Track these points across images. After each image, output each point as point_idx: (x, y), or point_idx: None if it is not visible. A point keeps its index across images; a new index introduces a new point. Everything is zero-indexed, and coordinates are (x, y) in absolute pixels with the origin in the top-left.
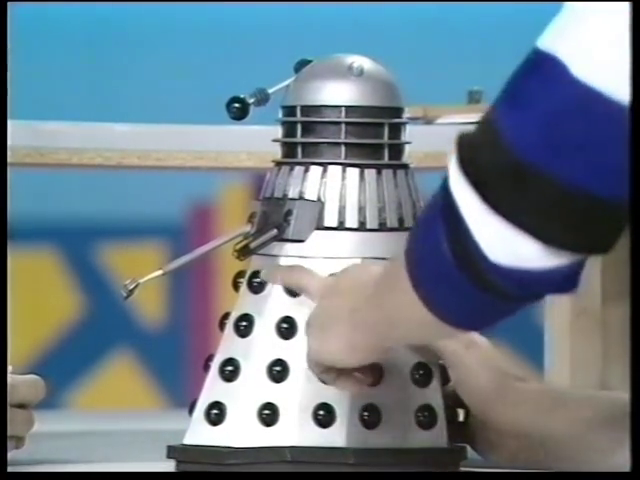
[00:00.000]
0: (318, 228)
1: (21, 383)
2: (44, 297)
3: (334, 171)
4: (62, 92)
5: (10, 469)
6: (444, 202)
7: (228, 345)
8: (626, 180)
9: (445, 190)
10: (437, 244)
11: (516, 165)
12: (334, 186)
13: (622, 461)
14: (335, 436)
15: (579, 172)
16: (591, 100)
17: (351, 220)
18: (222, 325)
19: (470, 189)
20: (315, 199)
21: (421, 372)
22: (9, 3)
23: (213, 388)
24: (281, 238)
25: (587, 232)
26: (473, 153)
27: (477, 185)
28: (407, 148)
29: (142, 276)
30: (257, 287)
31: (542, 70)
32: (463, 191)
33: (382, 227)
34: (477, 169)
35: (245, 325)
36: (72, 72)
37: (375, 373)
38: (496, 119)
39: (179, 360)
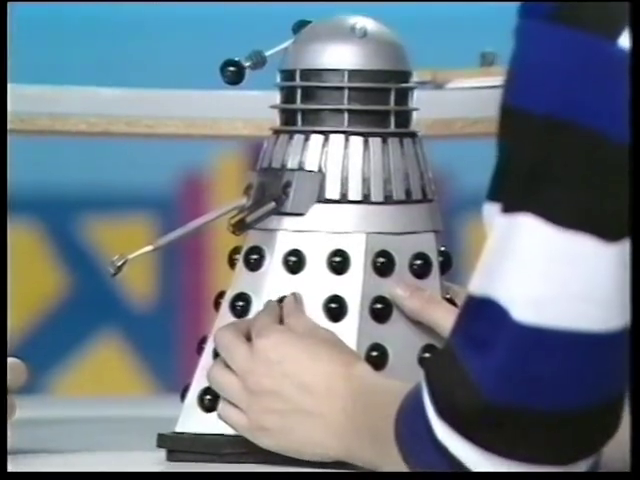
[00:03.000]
0: (319, 201)
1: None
2: (25, 275)
3: (336, 140)
4: (44, 54)
5: None
6: (435, 446)
7: None
8: (593, 388)
9: (431, 432)
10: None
11: (496, 411)
12: (336, 156)
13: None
14: None
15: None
16: (541, 337)
17: (354, 192)
18: (217, 305)
19: (460, 438)
20: (316, 170)
21: (429, 355)
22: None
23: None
24: (279, 211)
25: (571, 446)
26: (451, 402)
27: (464, 434)
28: (415, 115)
29: (131, 252)
30: (254, 264)
31: (486, 316)
32: (453, 440)
33: (388, 200)
34: (460, 419)
35: (242, 305)
36: (57, 33)
37: None
38: (464, 364)
39: (170, 342)
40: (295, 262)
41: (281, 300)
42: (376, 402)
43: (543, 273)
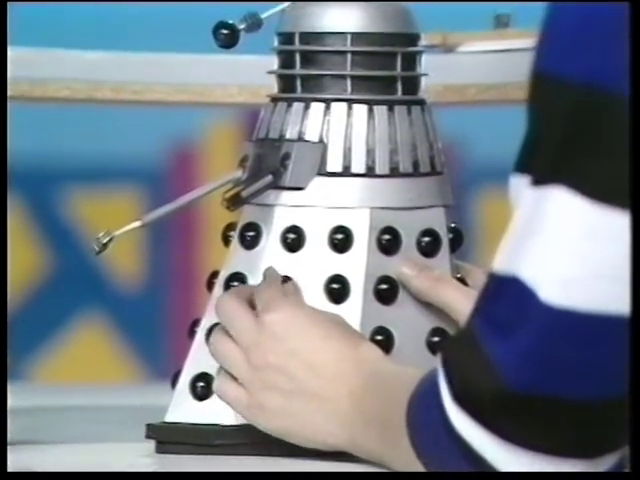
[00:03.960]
0: (320, 174)
1: None
2: None
3: (338, 108)
4: (24, 14)
5: None
6: (450, 435)
7: None
8: (623, 375)
9: (446, 420)
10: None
11: (518, 398)
12: (338, 125)
13: None
14: None
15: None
16: (570, 320)
17: (358, 164)
18: (210, 285)
19: (478, 426)
20: (316, 140)
21: (438, 339)
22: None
23: (199, 358)
24: (277, 185)
25: (593, 438)
26: (470, 388)
27: (483, 422)
28: (423, 81)
29: (117, 228)
30: (250, 242)
31: (510, 296)
32: (470, 428)
33: (394, 172)
34: (479, 407)
35: (237, 285)
36: None
37: None
38: (485, 348)
39: (159, 325)
40: (294, 239)
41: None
42: (387, 388)
43: (574, 250)
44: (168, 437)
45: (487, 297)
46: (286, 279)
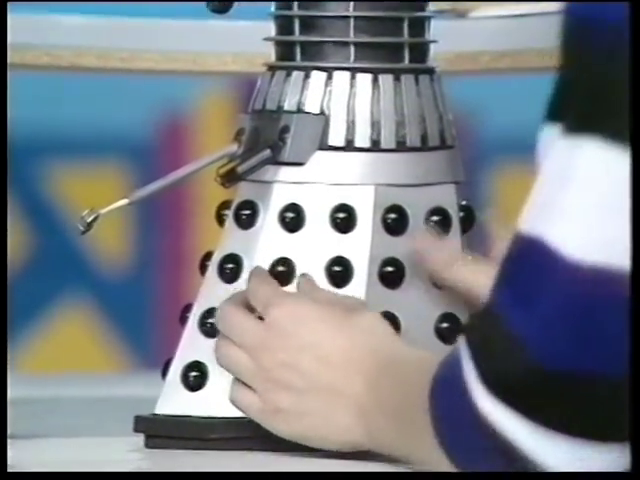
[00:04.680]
0: (321, 148)
1: None
2: None
3: (341, 77)
4: None
5: None
6: (478, 421)
7: (210, 292)
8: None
9: (473, 405)
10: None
11: (550, 378)
12: (341, 96)
13: None
14: None
15: (612, 362)
16: (596, 281)
17: (362, 138)
18: (203, 268)
19: (509, 410)
20: (317, 112)
21: (447, 325)
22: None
23: (192, 345)
24: (275, 160)
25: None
26: (496, 367)
27: (513, 405)
28: (432, 48)
29: (103, 206)
30: (246, 221)
31: (535, 260)
32: (500, 412)
33: (400, 146)
34: (507, 388)
35: (231, 268)
36: None
37: None
38: (506, 321)
39: (148, 311)
40: (293, 219)
41: (275, 264)
42: (405, 375)
43: (607, 207)
44: (158, 430)
45: (509, 263)
46: (283, 261)
